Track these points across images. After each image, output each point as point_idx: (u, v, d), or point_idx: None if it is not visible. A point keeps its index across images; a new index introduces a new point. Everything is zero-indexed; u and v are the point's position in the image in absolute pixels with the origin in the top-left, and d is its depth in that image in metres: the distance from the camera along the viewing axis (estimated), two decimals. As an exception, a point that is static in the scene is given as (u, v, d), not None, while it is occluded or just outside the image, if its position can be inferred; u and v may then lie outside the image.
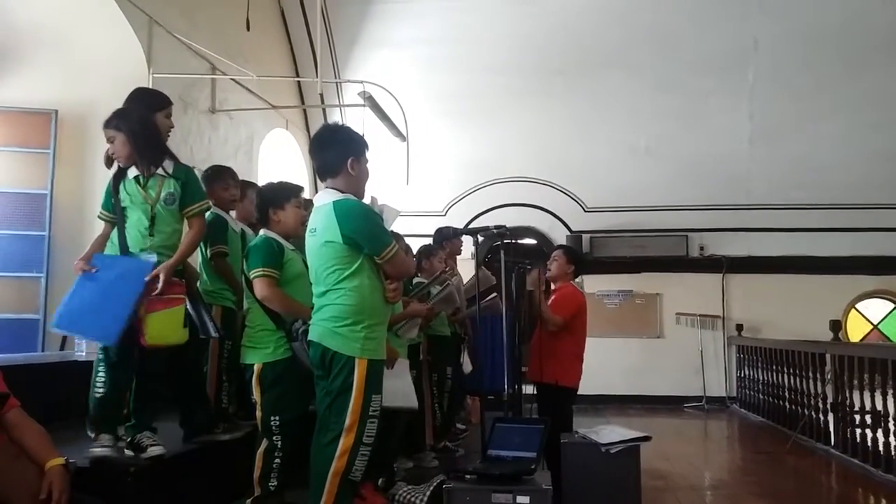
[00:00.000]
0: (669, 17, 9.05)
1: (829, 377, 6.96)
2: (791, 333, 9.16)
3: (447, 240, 5.54)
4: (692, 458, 6.93)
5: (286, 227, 3.41)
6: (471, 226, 9.27)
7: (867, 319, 10.48)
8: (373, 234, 2.94)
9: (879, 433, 5.91)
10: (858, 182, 9.76)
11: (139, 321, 3.10)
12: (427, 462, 4.81)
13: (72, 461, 2.60)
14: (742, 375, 9.95)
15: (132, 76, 5.34)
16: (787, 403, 8.09)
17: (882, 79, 9.22)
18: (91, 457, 3.08)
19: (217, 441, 3.72)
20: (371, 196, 3.17)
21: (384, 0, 8.84)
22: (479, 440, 3.96)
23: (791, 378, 8.00)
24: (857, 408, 6.41)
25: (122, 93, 3.64)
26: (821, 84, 9.31)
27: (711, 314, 10.30)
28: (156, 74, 5.62)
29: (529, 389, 5.39)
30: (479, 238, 4.41)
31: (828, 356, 7.08)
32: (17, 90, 5.51)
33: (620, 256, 10.36)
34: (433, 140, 9.62)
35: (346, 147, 3.05)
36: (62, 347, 4.85)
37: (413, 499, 3.78)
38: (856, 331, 10.40)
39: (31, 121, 5.52)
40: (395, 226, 4.40)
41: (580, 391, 5.02)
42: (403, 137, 7.55)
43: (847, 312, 10.35)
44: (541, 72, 9.45)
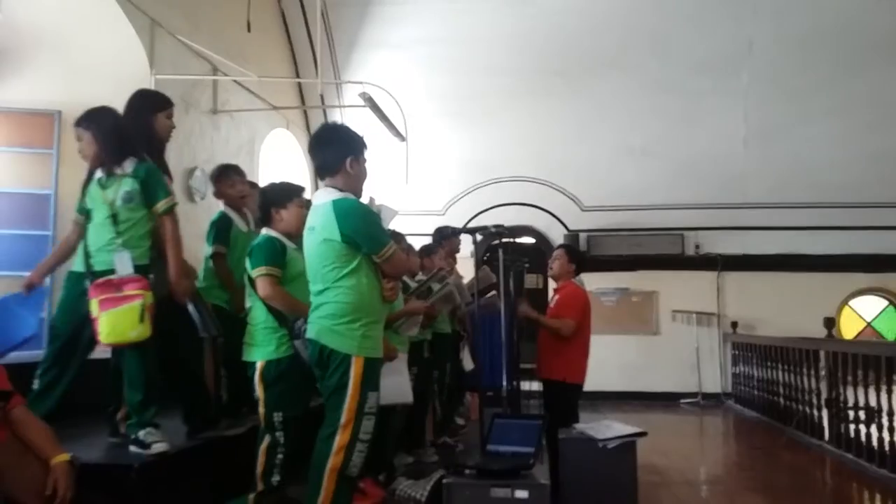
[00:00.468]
0: (666, 19, 9.08)
1: (824, 373, 7.02)
2: (785, 330, 9.20)
3: (446, 239, 5.59)
4: (688, 454, 6.97)
5: (289, 227, 3.42)
6: (470, 225, 9.30)
7: (860, 317, 10.53)
8: (371, 234, 2.96)
9: (873, 428, 5.96)
10: (852, 181, 9.79)
11: (94, 321, 3.12)
12: (427, 457, 4.85)
13: (77, 457, 2.63)
14: (737, 372, 9.98)
15: (135, 77, 5.34)
16: (782, 399, 8.13)
17: (875, 80, 9.25)
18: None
19: (220, 437, 3.73)
20: (369, 196, 3.19)
21: (384, 1, 8.86)
22: (479, 436, 3.98)
23: (786, 374, 8.04)
24: (851, 404, 6.45)
25: (125, 93, 3.66)
26: (815, 85, 9.34)
27: (707, 311, 10.33)
28: (158, 76, 5.63)
29: (527, 385, 5.46)
30: (478, 237, 4.46)
31: (822, 353, 7.11)
32: (21, 91, 5.52)
33: (617, 255, 10.39)
34: (432, 140, 9.65)
35: (345, 146, 3.08)
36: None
37: (413, 493, 3.81)
38: (849, 328, 10.44)
39: (35, 122, 5.54)
40: (396, 225, 4.46)
41: (579, 388, 5.07)
42: (403, 137, 7.59)
43: (841, 310, 10.39)
44: (539, 72, 9.47)
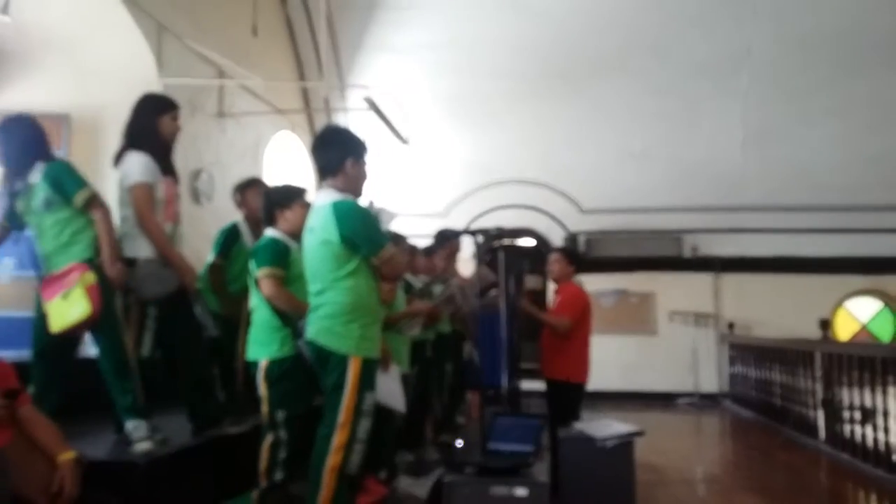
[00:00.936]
0: (665, 22, 9.08)
1: (819, 374, 7.04)
2: (782, 332, 9.24)
3: (448, 240, 5.66)
4: (685, 453, 7.00)
5: (292, 227, 3.44)
6: (471, 227, 9.36)
7: (856, 318, 10.53)
8: (369, 236, 2.98)
9: (868, 429, 5.99)
10: (848, 184, 9.80)
11: (47, 318, 3.18)
12: (427, 456, 4.91)
13: (84, 455, 2.66)
14: (734, 372, 9.99)
15: (143, 81, 5.32)
16: (778, 400, 8.16)
17: (872, 83, 9.27)
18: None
19: (224, 435, 3.75)
20: (368, 199, 3.27)
21: (388, 7, 8.87)
22: (479, 434, 4.00)
23: (782, 375, 8.07)
24: (847, 404, 6.48)
25: (133, 97, 3.68)
26: (813, 88, 9.34)
27: (704, 313, 10.34)
28: (165, 79, 5.64)
29: (527, 385, 5.51)
30: (479, 239, 4.51)
31: (817, 354, 7.15)
32: (30, 94, 5.52)
33: (616, 256, 10.39)
34: (435, 143, 9.69)
35: (346, 148, 3.11)
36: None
37: (414, 491, 3.88)
38: (844, 329, 10.45)
39: (44, 124, 5.48)
40: (399, 226, 4.52)
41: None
42: (406, 140, 7.63)
43: (836, 311, 10.41)
44: (539, 77, 9.48)
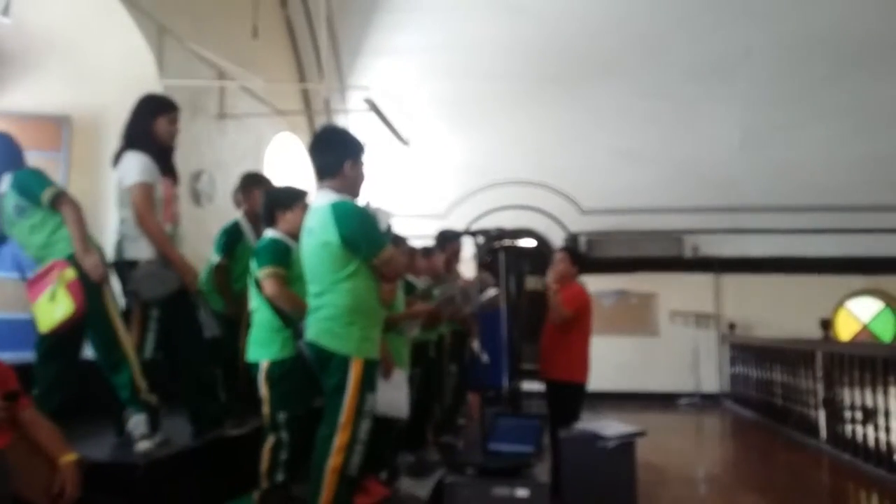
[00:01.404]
0: (662, 25, 9.10)
1: (820, 374, 7.04)
2: (782, 332, 9.24)
3: (448, 241, 5.66)
4: (686, 453, 7.01)
5: (293, 228, 3.42)
6: (471, 228, 9.36)
7: (857, 318, 10.53)
8: (369, 237, 2.97)
9: (869, 429, 6.00)
10: (847, 184, 9.82)
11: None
12: (428, 456, 4.91)
13: (85, 457, 2.67)
14: (735, 373, 9.99)
15: (143, 82, 5.30)
16: (779, 400, 8.16)
17: (869, 85, 9.28)
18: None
19: (225, 436, 3.76)
20: (365, 200, 3.21)
21: (387, 10, 8.89)
22: (480, 435, 4.04)
23: (783, 375, 8.08)
24: (848, 404, 6.49)
25: (133, 98, 3.68)
26: (810, 89, 9.36)
27: (705, 313, 10.34)
28: (166, 81, 5.65)
29: (527, 385, 5.52)
30: (480, 240, 4.51)
31: (818, 354, 7.15)
32: (30, 96, 5.52)
33: (616, 257, 10.39)
34: (435, 144, 9.69)
35: (344, 149, 3.09)
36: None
37: (415, 492, 3.87)
38: (845, 329, 10.45)
39: (44, 126, 5.53)
40: (400, 227, 4.51)
41: (580, 387, 5.11)
42: (406, 142, 7.64)
43: (837, 311, 10.41)
44: (539, 78, 9.49)
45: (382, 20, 9.05)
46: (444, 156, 10.08)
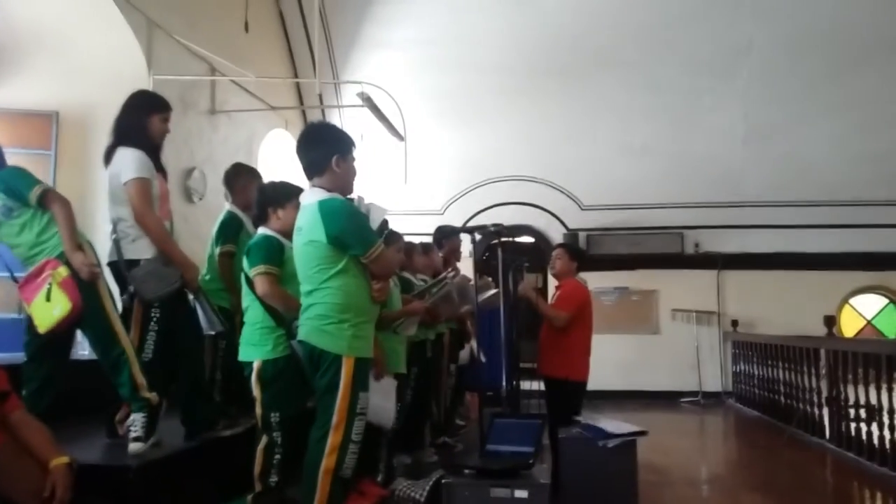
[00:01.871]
0: (663, 18, 9.07)
1: (824, 372, 7.00)
2: (786, 329, 9.17)
3: (446, 238, 5.60)
4: (688, 453, 6.96)
5: (286, 226, 3.38)
6: (469, 224, 9.30)
7: (861, 315, 10.50)
8: (358, 234, 2.93)
9: (874, 426, 5.95)
10: (851, 179, 9.77)
11: (31, 319, 3.15)
12: (426, 457, 4.86)
13: (76, 459, 2.61)
14: (737, 370, 9.96)
15: (132, 78, 5.35)
16: (782, 398, 8.11)
17: (873, 80, 9.23)
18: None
19: (218, 437, 3.72)
20: (357, 195, 3.16)
21: (381, 2, 8.86)
22: (478, 436, 3.98)
23: (786, 373, 8.03)
24: (852, 402, 6.43)
25: (123, 94, 3.64)
26: (812, 84, 9.33)
27: (707, 310, 10.30)
28: (156, 76, 5.63)
29: (527, 385, 5.44)
30: (477, 236, 4.44)
31: (822, 351, 7.09)
32: (19, 92, 5.52)
33: (617, 254, 10.36)
34: (431, 139, 9.64)
35: (331, 145, 3.04)
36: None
37: (413, 493, 3.81)
38: (849, 326, 10.41)
39: (33, 122, 5.54)
40: (395, 224, 4.44)
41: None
42: (401, 137, 7.58)
43: (841, 308, 10.36)
44: (537, 72, 9.46)
45: (377, 13, 9.03)
46: (441, 151, 10.03)
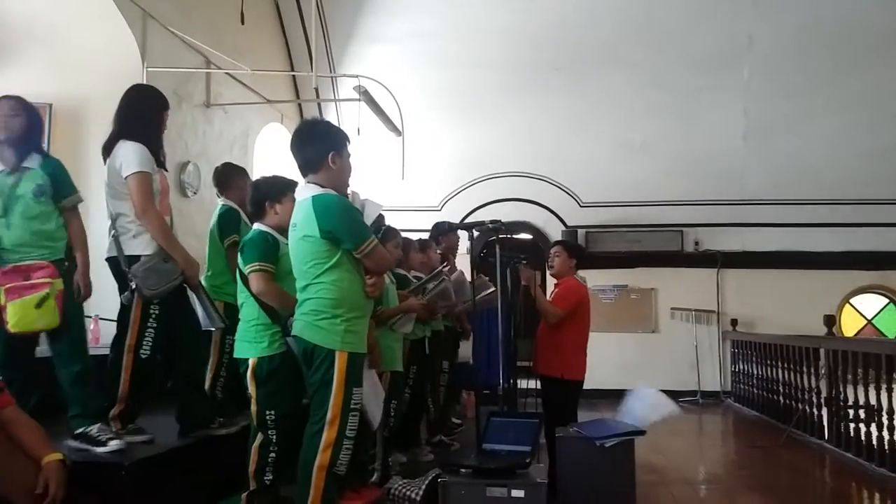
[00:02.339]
0: (664, 14, 9.05)
1: (824, 372, 6.97)
2: (785, 328, 9.15)
3: (443, 234, 5.55)
4: (686, 453, 6.95)
5: (282, 222, 3.35)
6: (467, 221, 9.26)
7: (861, 314, 10.49)
8: (351, 229, 2.93)
9: (873, 427, 5.92)
10: (852, 178, 9.76)
11: (2, 310, 3.09)
12: (422, 456, 4.83)
13: (68, 456, 2.64)
14: (737, 370, 9.94)
15: (126, 70, 5.36)
16: (782, 398, 8.09)
17: (875, 77, 9.22)
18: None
19: (212, 436, 3.70)
20: (351, 191, 3.17)
21: (380, -7, 8.88)
22: (475, 434, 3.96)
23: (785, 372, 8.00)
24: (851, 402, 6.42)
25: (116, 86, 3.66)
26: (815, 81, 9.32)
27: (706, 309, 10.28)
28: (150, 68, 5.62)
29: (524, 383, 5.40)
30: (475, 233, 4.41)
31: (822, 351, 7.07)
32: (12, 84, 5.41)
33: (615, 251, 10.33)
34: (429, 135, 9.58)
35: (327, 142, 3.05)
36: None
37: (408, 492, 3.78)
38: (850, 326, 10.40)
39: None
40: (392, 220, 4.39)
41: (576, 385, 5.01)
42: (399, 132, 7.55)
43: (841, 307, 10.33)
44: (536, 67, 9.45)
45: (375, 6, 9.01)
46: (439, 146, 9.98)
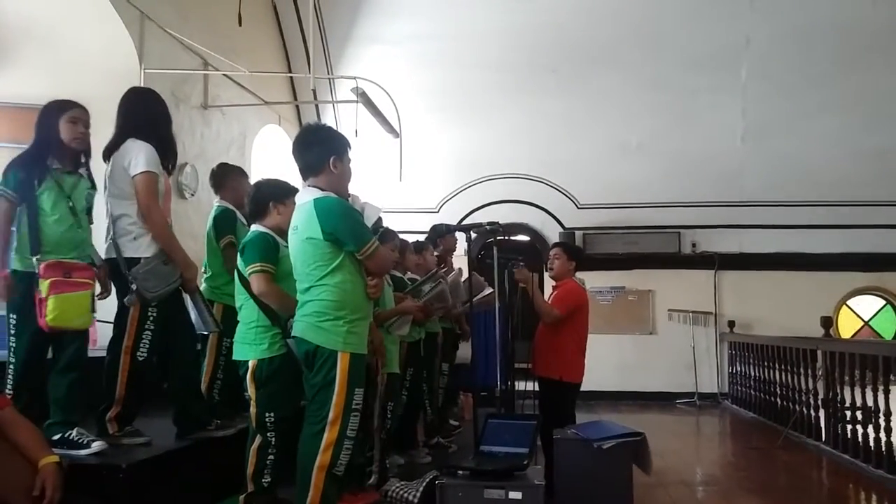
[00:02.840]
0: (662, 15, 9.07)
1: (821, 373, 6.97)
2: (782, 330, 9.17)
3: (441, 236, 5.54)
4: (684, 454, 6.94)
5: (283, 223, 3.34)
6: (464, 222, 9.26)
7: (858, 316, 10.51)
8: (353, 231, 2.96)
9: (870, 429, 5.93)
10: (849, 179, 9.78)
11: (41, 302, 3.07)
12: (420, 458, 4.81)
13: (65, 458, 2.61)
14: (734, 372, 9.96)
15: (124, 71, 5.34)
16: (779, 399, 8.11)
17: (872, 77, 9.25)
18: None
19: (210, 438, 3.69)
20: (351, 194, 3.20)
21: (377, -5, 8.87)
22: (472, 436, 3.94)
23: (782, 374, 8.01)
24: (848, 404, 6.41)
25: (114, 88, 3.66)
26: (812, 82, 9.33)
27: (703, 311, 10.30)
28: (147, 70, 5.61)
29: (521, 385, 5.40)
30: (473, 234, 4.41)
31: (819, 352, 7.07)
32: (9, 85, 5.50)
33: (613, 253, 10.35)
34: (426, 136, 9.58)
35: (328, 146, 3.07)
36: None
37: (406, 494, 3.77)
38: (847, 327, 10.42)
39: (23, 116, 5.46)
40: (389, 222, 4.39)
41: (575, 387, 5.01)
42: (396, 133, 7.54)
43: (838, 309, 10.37)
44: (534, 68, 9.46)
45: (372, 7, 9.01)
46: (437, 148, 9.98)
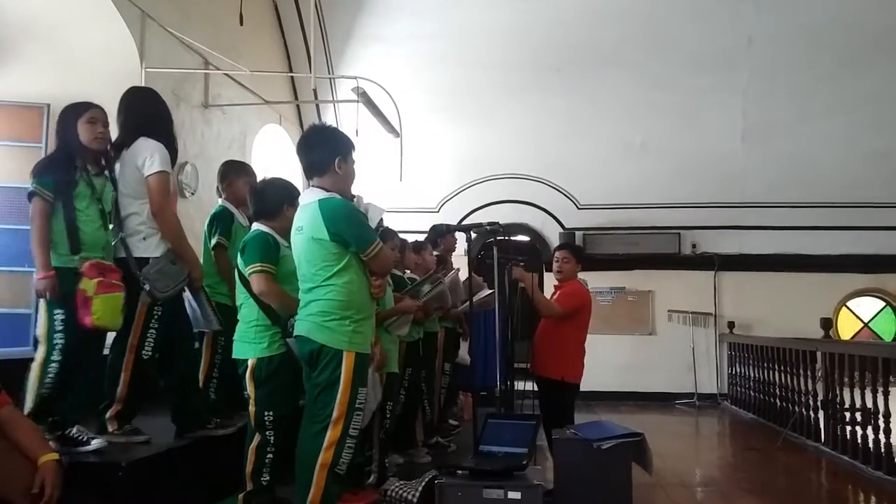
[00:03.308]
0: (665, 15, 9.06)
1: (820, 375, 6.96)
2: (782, 331, 9.15)
3: (441, 236, 5.55)
4: (683, 455, 6.92)
5: (289, 224, 3.33)
6: (464, 222, 9.25)
7: (858, 317, 10.50)
8: (357, 232, 2.99)
9: (869, 430, 5.91)
10: (850, 180, 9.77)
11: (87, 301, 3.06)
12: (419, 458, 4.83)
13: (65, 456, 2.63)
14: (733, 372, 9.94)
15: (125, 70, 5.34)
16: (778, 400, 8.09)
17: (875, 79, 9.24)
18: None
19: (209, 436, 3.70)
20: (355, 195, 3.23)
21: (379, -6, 8.87)
22: (472, 436, 3.96)
23: (782, 375, 7.99)
24: (848, 405, 6.40)
25: (115, 87, 3.66)
26: (814, 83, 9.32)
27: (703, 311, 10.29)
28: (148, 69, 5.60)
29: (520, 385, 5.41)
30: (473, 234, 4.41)
31: (819, 354, 7.06)
32: (10, 84, 5.47)
33: (613, 254, 10.34)
34: (427, 136, 9.58)
35: (333, 147, 3.11)
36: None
37: (405, 494, 3.79)
38: (847, 329, 10.41)
39: (24, 115, 5.48)
40: (390, 222, 4.40)
41: (574, 387, 5.01)
42: (397, 133, 7.55)
43: (838, 310, 10.35)
44: (535, 68, 9.45)
45: (373, 6, 9.00)
46: (437, 148, 9.98)
